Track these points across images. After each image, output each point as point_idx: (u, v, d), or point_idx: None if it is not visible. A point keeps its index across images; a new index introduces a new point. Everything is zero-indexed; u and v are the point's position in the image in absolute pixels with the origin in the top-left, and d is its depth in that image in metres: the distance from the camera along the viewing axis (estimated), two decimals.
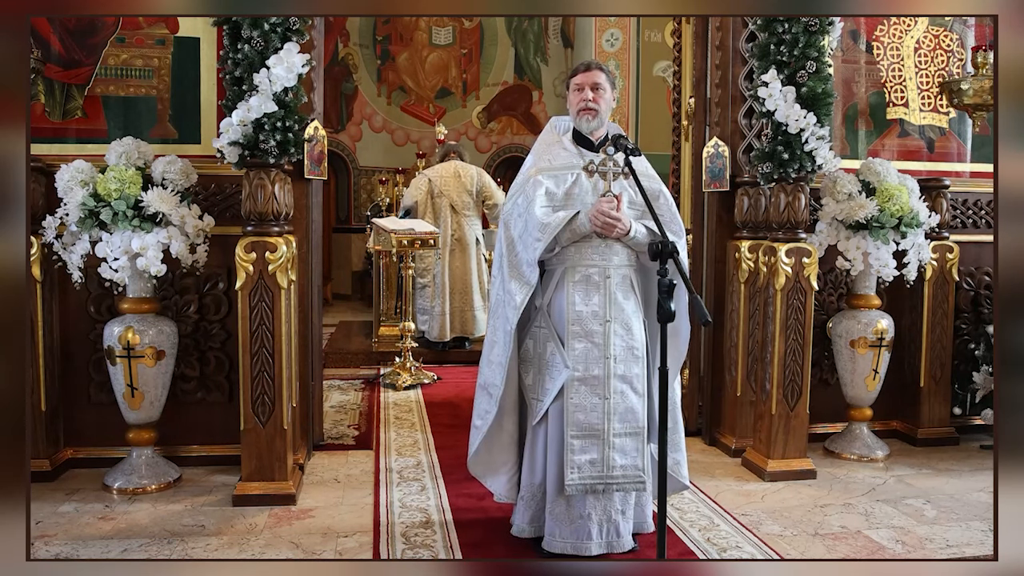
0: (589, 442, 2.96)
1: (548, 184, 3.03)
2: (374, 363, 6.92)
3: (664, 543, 2.52)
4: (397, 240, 6.18)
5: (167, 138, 4.02)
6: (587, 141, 3.14)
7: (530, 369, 3.08)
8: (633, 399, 3.01)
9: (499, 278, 3.10)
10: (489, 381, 3.11)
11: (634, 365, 3.02)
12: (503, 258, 3.08)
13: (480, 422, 3.14)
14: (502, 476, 3.21)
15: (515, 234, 3.04)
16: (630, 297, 3.07)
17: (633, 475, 2.99)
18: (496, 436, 3.14)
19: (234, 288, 3.63)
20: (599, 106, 3.08)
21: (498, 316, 3.09)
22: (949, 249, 4.61)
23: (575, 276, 3.02)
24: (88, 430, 4.01)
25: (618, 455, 2.97)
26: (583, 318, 3.00)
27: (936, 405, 4.66)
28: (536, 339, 3.08)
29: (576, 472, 2.94)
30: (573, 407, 2.96)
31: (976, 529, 3.40)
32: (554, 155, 3.12)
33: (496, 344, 3.09)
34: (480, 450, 3.16)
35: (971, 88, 4.49)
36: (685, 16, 5.08)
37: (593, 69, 3.11)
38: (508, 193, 3.22)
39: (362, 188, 11.82)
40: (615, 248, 3.04)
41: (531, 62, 12.23)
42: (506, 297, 3.02)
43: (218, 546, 3.15)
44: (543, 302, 3.05)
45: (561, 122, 3.25)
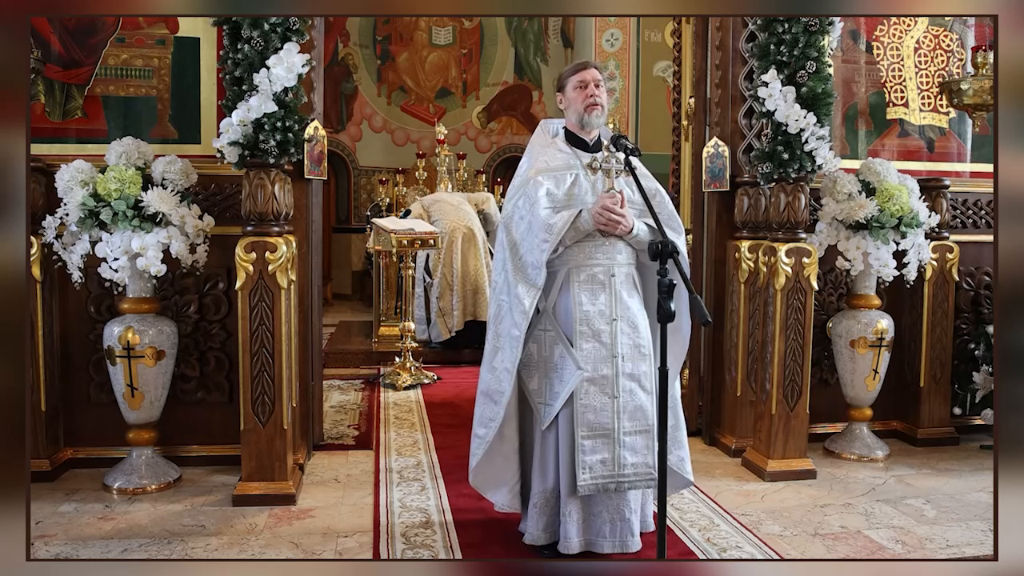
0: (600, 442, 2.94)
1: (548, 185, 3.01)
2: (374, 363, 6.92)
3: (664, 543, 2.52)
4: (397, 240, 6.18)
5: (167, 138, 4.02)
6: (580, 142, 3.13)
7: (535, 373, 3.05)
8: (642, 397, 3.01)
9: (502, 283, 3.06)
10: (493, 388, 3.06)
11: (641, 363, 3.02)
12: (506, 262, 3.03)
13: (484, 430, 3.08)
14: (504, 486, 3.16)
15: (518, 236, 3.01)
16: (634, 295, 3.06)
17: (644, 472, 2.98)
18: (497, 444, 3.09)
19: (234, 288, 3.63)
20: (603, 101, 3.08)
21: (501, 321, 3.04)
22: (949, 249, 4.61)
23: (580, 276, 3.01)
24: (88, 430, 4.01)
25: (629, 453, 2.96)
26: (590, 317, 2.98)
27: (936, 405, 4.66)
28: (541, 342, 3.04)
29: (588, 472, 2.92)
30: (583, 408, 2.94)
31: (976, 529, 3.40)
32: (551, 156, 3.10)
33: (501, 350, 3.04)
34: (482, 461, 3.11)
35: (971, 88, 4.49)
36: (685, 16, 5.08)
37: (591, 67, 3.10)
38: (507, 195, 3.19)
39: (362, 188, 11.82)
40: (618, 246, 3.04)
41: (531, 62, 12.23)
42: (512, 302, 2.98)
43: (218, 546, 3.15)
44: (548, 304, 3.03)
45: (551, 124, 3.23)
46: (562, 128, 3.19)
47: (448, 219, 7.16)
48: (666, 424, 2.54)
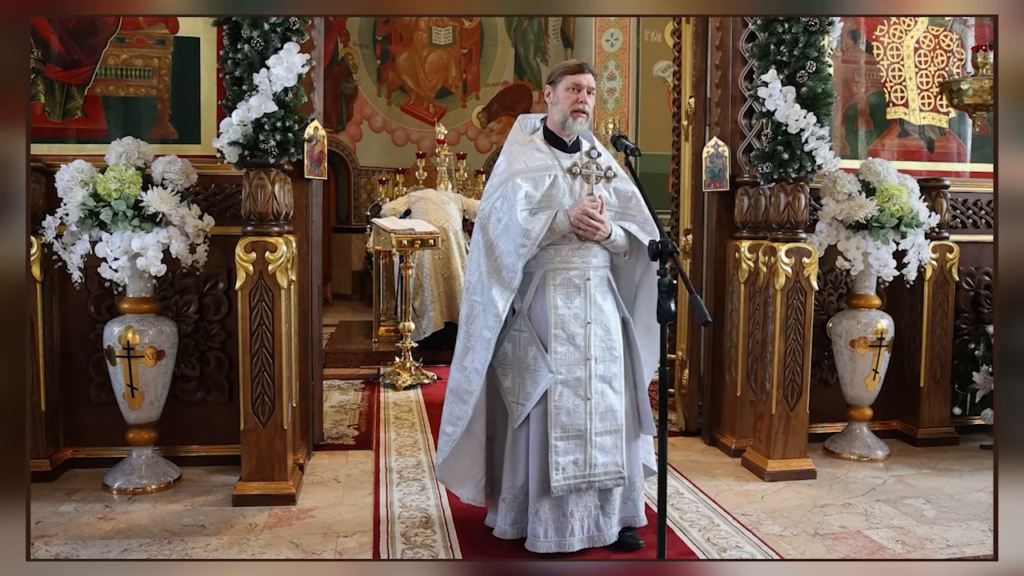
0: (573, 443, 2.98)
1: (527, 188, 2.99)
2: (374, 363, 6.93)
3: (664, 543, 2.52)
4: (397, 240, 6.18)
5: (167, 138, 4.02)
6: (559, 141, 3.12)
7: (509, 372, 3.07)
8: (612, 398, 3.05)
9: (476, 283, 3.06)
10: (462, 387, 3.09)
11: (613, 365, 3.05)
12: (481, 263, 3.03)
13: (451, 428, 3.13)
14: (470, 482, 3.20)
15: (494, 238, 3.00)
16: (608, 298, 3.09)
17: (614, 471, 3.03)
18: (465, 442, 3.13)
19: (234, 288, 3.63)
20: (589, 110, 3.07)
21: (474, 322, 3.06)
22: (949, 249, 4.61)
23: (556, 279, 3.02)
24: (88, 430, 4.01)
25: (599, 453, 3.01)
26: (565, 321, 3.00)
27: (936, 405, 4.66)
28: (516, 343, 3.06)
29: (560, 473, 2.96)
30: (556, 409, 2.97)
31: (976, 529, 3.40)
32: (529, 156, 3.08)
33: (472, 350, 3.06)
34: (449, 457, 3.15)
35: (971, 88, 4.49)
36: (685, 16, 5.08)
37: (586, 72, 3.06)
38: (483, 195, 3.17)
39: (362, 188, 11.82)
40: (594, 250, 3.06)
41: (531, 62, 12.23)
42: (486, 303, 2.99)
43: (218, 546, 3.15)
44: (523, 305, 3.04)
45: (529, 120, 3.21)
46: (541, 125, 3.17)
47: (427, 218, 7.11)
48: (667, 423, 2.54)
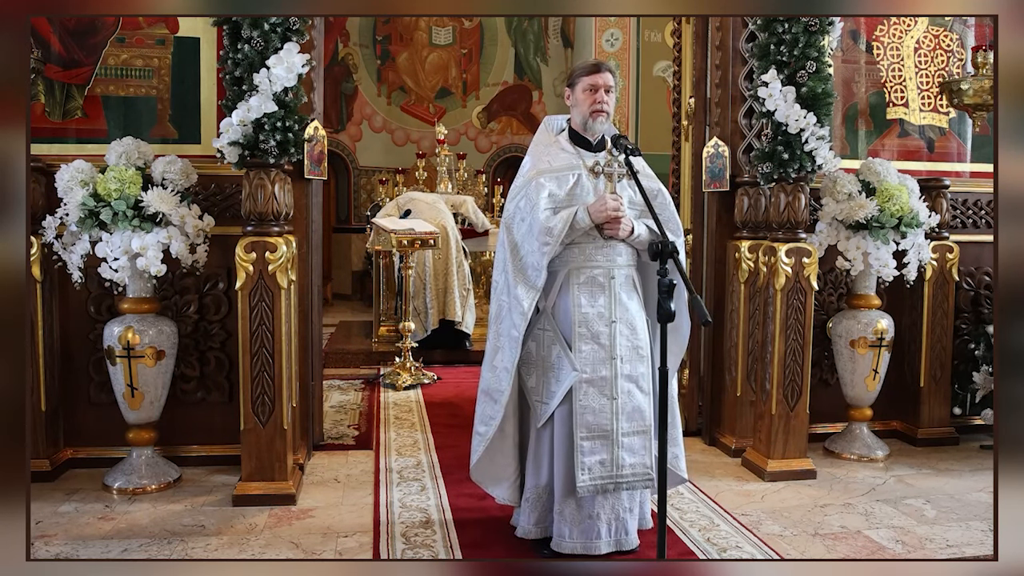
0: (599, 443, 2.96)
1: (551, 187, 3.01)
2: (374, 363, 6.92)
3: (664, 543, 2.52)
4: (397, 240, 6.18)
5: (167, 138, 4.02)
6: (584, 141, 3.13)
7: (533, 371, 3.07)
8: (640, 398, 3.02)
9: (503, 283, 3.07)
10: (493, 387, 3.09)
11: (639, 364, 3.03)
12: (507, 263, 3.05)
13: (484, 428, 3.11)
14: (504, 481, 3.18)
15: (519, 238, 3.02)
16: (633, 297, 3.07)
17: (642, 473, 3.01)
18: (498, 441, 3.12)
19: (234, 288, 3.63)
20: (610, 108, 3.08)
21: (501, 321, 3.06)
22: (949, 249, 4.61)
23: (580, 278, 3.02)
24: (88, 430, 4.01)
25: (627, 454, 2.98)
26: (589, 320, 2.99)
27: (936, 405, 4.66)
28: (540, 341, 3.06)
29: (587, 473, 2.94)
30: (582, 409, 2.96)
31: (976, 529, 3.40)
32: (553, 156, 3.10)
33: (501, 349, 3.07)
34: (483, 457, 3.14)
35: (971, 88, 4.49)
36: (685, 16, 5.08)
37: (604, 71, 3.07)
38: (508, 195, 3.19)
39: (362, 188, 11.83)
40: (619, 248, 3.05)
41: (531, 62, 12.23)
42: (512, 302, 3.00)
43: (218, 546, 3.15)
44: (547, 304, 3.04)
45: (555, 121, 3.23)
46: (567, 125, 3.19)
47: (423, 218, 7.12)
48: (667, 422, 2.55)
